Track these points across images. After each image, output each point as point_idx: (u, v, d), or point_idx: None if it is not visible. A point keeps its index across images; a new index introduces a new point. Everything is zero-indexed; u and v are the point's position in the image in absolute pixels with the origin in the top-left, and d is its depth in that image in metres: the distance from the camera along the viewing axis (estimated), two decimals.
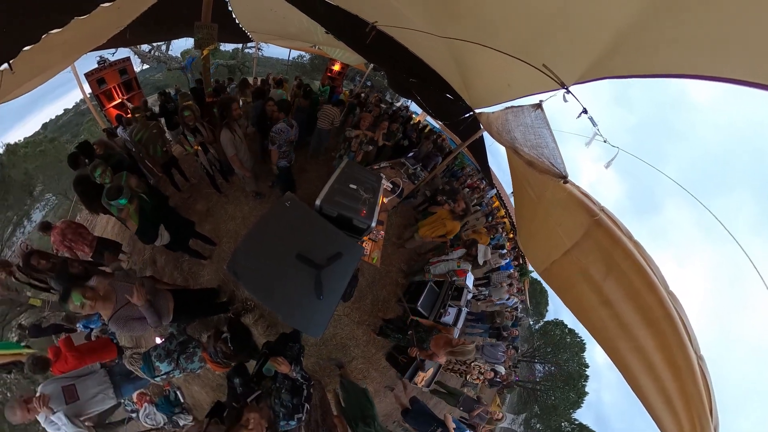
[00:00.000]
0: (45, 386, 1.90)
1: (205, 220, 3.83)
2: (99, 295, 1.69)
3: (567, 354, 14.99)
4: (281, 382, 1.75)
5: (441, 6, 1.49)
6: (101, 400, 2.00)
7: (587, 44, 1.11)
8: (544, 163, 1.31)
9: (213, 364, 2.03)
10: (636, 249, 1.11)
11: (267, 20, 3.62)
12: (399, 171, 5.03)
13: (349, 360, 3.64)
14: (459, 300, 3.95)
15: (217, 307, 3.02)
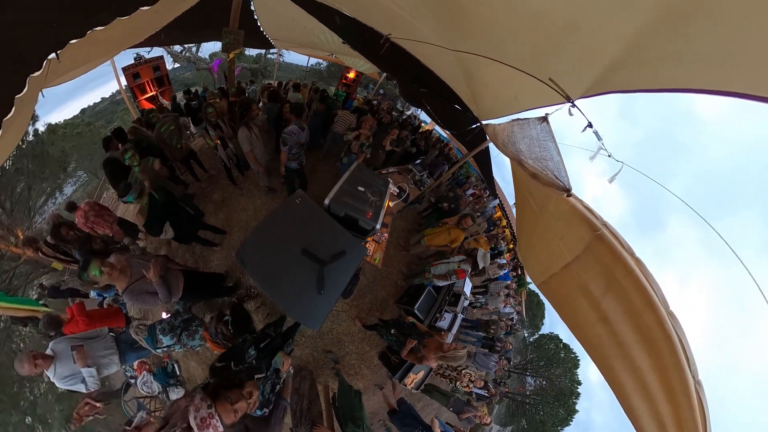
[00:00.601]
0: (56, 344, 1.96)
1: (220, 209, 3.90)
2: (116, 269, 1.77)
3: (560, 369, 14.37)
4: (272, 375, 1.75)
5: (452, 21, 1.50)
6: (107, 363, 2.08)
7: (593, 59, 1.09)
8: (548, 175, 1.28)
9: (212, 343, 2.06)
10: (637, 266, 1.06)
11: (289, 29, 3.77)
12: (406, 177, 5.03)
13: (342, 355, 3.62)
14: (455, 306, 3.88)
15: (222, 290, 3.07)
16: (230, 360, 1.57)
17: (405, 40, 2.18)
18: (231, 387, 1.28)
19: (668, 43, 0.88)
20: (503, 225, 6.91)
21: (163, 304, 2.00)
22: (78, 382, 1.95)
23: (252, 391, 1.33)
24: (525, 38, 1.27)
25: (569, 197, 1.24)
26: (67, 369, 1.91)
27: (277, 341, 2.09)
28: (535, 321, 17.52)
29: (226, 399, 1.23)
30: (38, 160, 7.34)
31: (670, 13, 0.81)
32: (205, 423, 1.14)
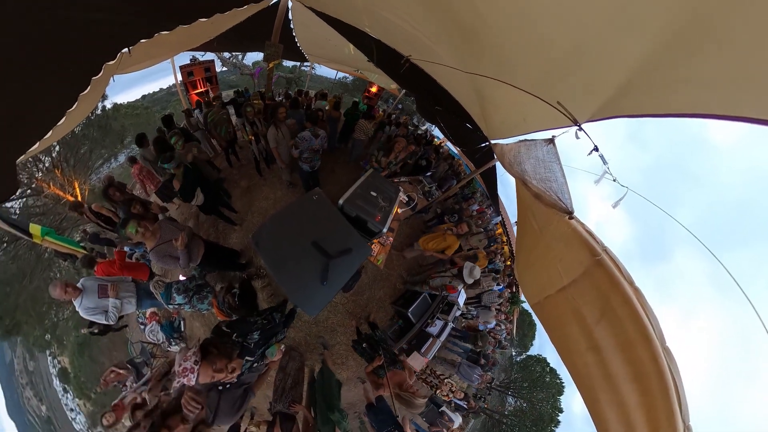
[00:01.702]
0: (86, 280, 2.13)
1: (245, 194, 4.05)
2: (149, 230, 1.93)
3: (543, 394, 13.03)
4: (256, 360, 1.73)
5: (466, 45, 1.50)
6: (126, 303, 2.25)
7: (600, 83, 1.04)
8: (552, 196, 1.21)
9: (218, 310, 2.11)
10: (636, 296, 0.96)
11: (321, 46, 3.97)
12: (416, 187, 5.00)
13: (333, 344, 3.58)
14: (447, 315, 3.75)
15: (236, 265, 3.16)
16: (235, 331, 1.58)
17: (423, 61, 2.22)
18: (221, 355, 1.29)
19: (675, 68, 0.82)
20: (503, 241, 6.66)
21: (182, 269, 2.10)
22: (99, 313, 2.11)
23: (236, 368, 1.33)
24: (534, 62, 1.24)
25: (571, 220, 1.17)
26: (92, 302, 2.08)
27: (279, 326, 2.07)
28: (524, 341, 16.33)
29: (212, 363, 1.24)
30: (102, 130, 8.43)
31: (677, 37, 0.76)
32: (185, 372, 1.16)
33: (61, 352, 12.14)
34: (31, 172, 6.68)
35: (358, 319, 3.74)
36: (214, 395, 1.47)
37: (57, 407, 13.23)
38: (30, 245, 6.06)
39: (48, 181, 6.93)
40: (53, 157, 7.24)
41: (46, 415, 13.63)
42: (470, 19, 1.28)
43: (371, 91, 5.70)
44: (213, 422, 1.42)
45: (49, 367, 13.07)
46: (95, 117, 8.29)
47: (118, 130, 8.95)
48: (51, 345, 11.26)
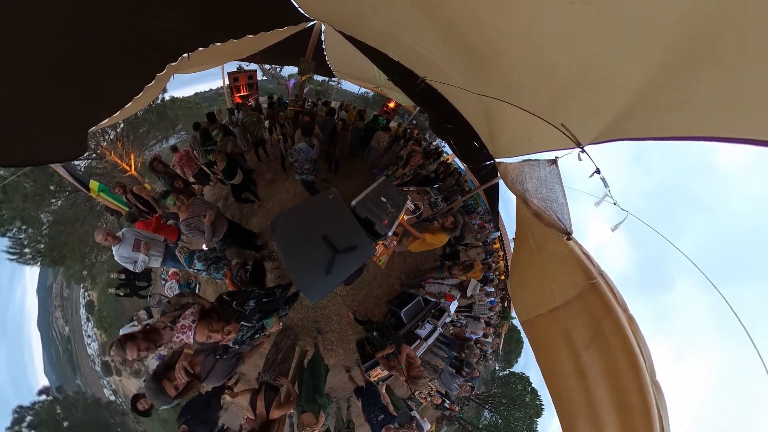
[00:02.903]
0: (127, 231, 2.33)
1: (269, 186, 4.21)
2: (184, 204, 2.10)
3: (521, 413, 11.79)
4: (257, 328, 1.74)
5: (477, 68, 1.50)
6: (154, 258, 2.44)
7: (603, 107, 0.99)
8: (551, 216, 1.14)
9: (230, 281, 2.23)
10: (629, 324, 0.87)
11: (347, 65, 4.21)
12: (423, 197, 4.96)
13: (327, 330, 3.56)
14: (438, 320, 3.62)
15: (252, 246, 3.27)
16: (235, 300, 1.61)
17: (437, 82, 2.25)
18: (219, 318, 1.31)
19: (678, 91, 0.76)
20: (500, 256, 6.41)
21: (206, 242, 2.23)
22: (130, 263, 2.31)
23: (231, 331, 1.35)
24: (540, 86, 1.21)
25: (569, 240, 1.09)
26: (126, 252, 2.27)
27: (278, 303, 2.08)
28: (509, 357, 15.04)
29: (209, 324, 1.26)
30: (159, 116, 9.67)
31: (678, 60, 0.70)
32: (183, 329, 1.21)
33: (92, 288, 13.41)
34: (98, 140, 7.64)
35: (357, 312, 3.68)
36: (210, 360, 1.50)
37: (77, 331, 14.59)
38: (86, 198, 6.83)
39: (110, 150, 7.93)
40: (117, 132, 8.18)
41: (68, 335, 15.10)
42: (481, 45, 1.28)
43: (389, 107, 5.80)
44: (203, 381, 1.45)
45: (79, 298, 14.48)
46: (155, 105, 9.31)
47: (172, 118, 10.08)
48: (86, 280, 12.52)
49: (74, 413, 10.23)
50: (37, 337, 16.91)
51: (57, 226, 8.67)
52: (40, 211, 8.21)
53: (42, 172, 7.33)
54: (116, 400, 12.26)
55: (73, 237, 8.94)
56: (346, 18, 2.22)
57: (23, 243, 8.49)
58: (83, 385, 13.29)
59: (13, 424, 9.01)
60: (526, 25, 0.98)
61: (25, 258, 8.72)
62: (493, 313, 5.38)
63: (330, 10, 2.28)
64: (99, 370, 13.49)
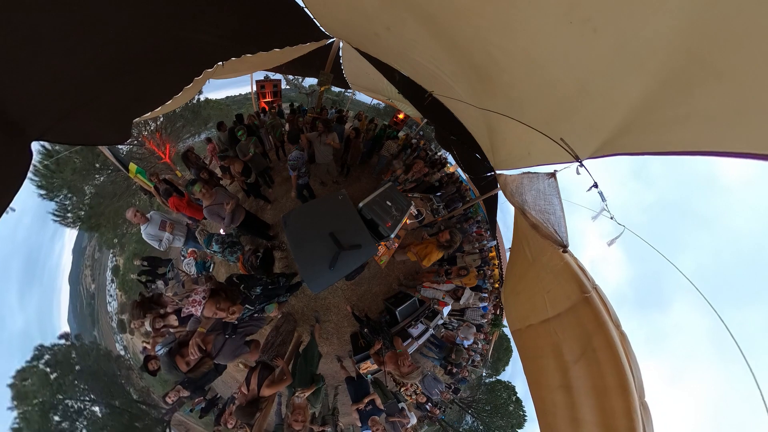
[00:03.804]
0: (155, 213, 2.45)
1: (285, 182, 4.30)
2: (209, 192, 2.22)
3: (503, 422, 11.05)
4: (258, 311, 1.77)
5: (480, 84, 1.50)
6: (177, 238, 2.61)
7: (602, 121, 0.95)
8: (548, 228, 1.09)
9: (241, 265, 2.33)
10: (621, 341, 0.80)
11: (362, 78, 4.32)
12: (425, 203, 4.92)
13: (324, 320, 3.56)
14: (430, 321, 3.54)
15: (265, 235, 3.36)
16: (243, 283, 1.66)
17: (443, 97, 2.27)
18: (227, 298, 1.36)
19: (675, 105, 0.72)
20: (495, 265, 6.23)
21: (225, 227, 2.34)
22: (156, 240, 2.43)
23: (236, 311, 1.40)
24: (541, 101, 1.18)
25: (565, 253, 1.03)
26: (154, 230, 2.41)
27: (281, 290, 2.09)
28: (497, 365, 14.12)
29: (216, 302, 1.31)
30: (194, 114, 10.65)
31: (675, 75, 0.67)
32: (193, 303, 1.32)
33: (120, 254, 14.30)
34: (140, 130, 8.28)
35: (354, 305, 3.65)
36: (221, 339, 1.52)
37: (102, 289, 15.78)
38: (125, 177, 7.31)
39: (150, 139, 8.60)
40: (157, 124, 8.75)
41: (93, 292, 16.44)
42: (485, 62, 1.27)
43: (398, 117, 5.86)
44: (214, 359, 1.47)
45: (107, 261, 15.59)
46: (191, 104, 10.13)
47: (205, 116, 10.95)
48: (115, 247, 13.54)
49: (87, 360, 10.85)
50: (66, 289, 18.44)
51: (97, 198, 9.66)
52: (84, 183, 9.22)
53: (90, 151, 8.22)
54: (125, 356, 12.89)
55: (110, 209, 9.78)
56: (362, 36, 2.28)
57: (67, 208, 9.48)
58: (98, 337, 14.08)
59: (32, 359, 9.74)
60: (527, 44, 0.97)
61: (66, 221, 9.66)
62: (485, 320, 5.19)
63: (347, 29, 2.36)
64: (114, 327, 14.35)
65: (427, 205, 4.95)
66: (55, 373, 9.73)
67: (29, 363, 9.63)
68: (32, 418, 8.73)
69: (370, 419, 2.19)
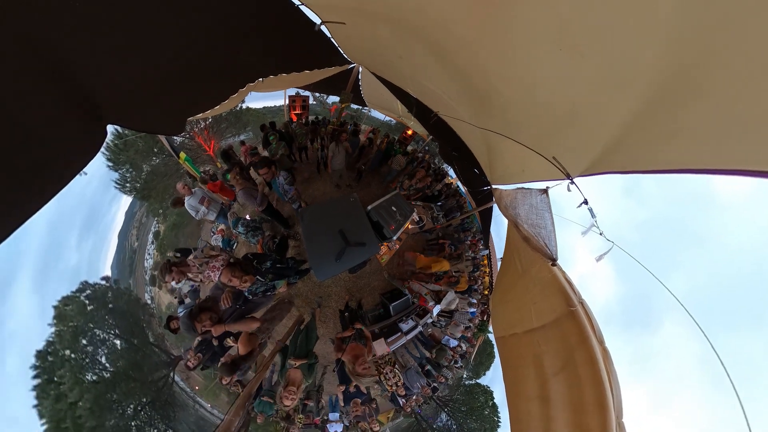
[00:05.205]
0: (198, 189, 2.72)
1: (304, 182, 4.44)
2: (241, 178, 2.44)
3: (476, 424, 10.26)
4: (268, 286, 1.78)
5: (479, 106, 1.50)
6: (212, 213, 2.78)
7: (592, 140, 0.90)
8: (539, 242, 1.04)
9: (260, 246, 2.48)
10: (603, 358, 0.72)
11: (377, 98, 4.58)
12: (427, 211, 4.89)
13: (325, 306, 3.58)
14: (420, 319, 3.42)
15: (284, 222, 3.50)
16: (255, 259, 1.72)
17: (447, 117, 2.32)
18: (241, 269, 1.42)
19: (663, 123, 0.67)
20: (486, 272, 6.00)
21: (258, 206, 2.52)
22: (194, 210, 2.66)
23: (248, 281, 1.45)
24: (534, 122, 1.15)
25: (554, 266, 0.97)
26: (194, 202, 2.65)
27: (290, 271, 2.13)
28: (478, 368, 13.30)
29: (232, 270, 1.38)
30: (236, 118, 11.87)
31: (661, 94, 0.62)
32: (212, 269, 1.43)
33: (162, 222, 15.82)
34: (192, 126, 9.26)
35: (352, 295, 3.62)
36: (230, 311, 1.57)
37: (142, 248, 17.49)
38: (175, 162, 8.04)
39: (199, 134, 9.71)
40: (206, 123, 9.65)
41: (135, 248, 18.16)
42: (484, 86, 1.28)
43: (407, 133, 5.95)
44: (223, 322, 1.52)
45: (152, 226, 17.24)
46: (235, 110, 11.16)
47: (245, 121, 12.07)
48: (159, 215, 14.99)
49: (119, 302, 11.82)
50: (114, 242, 20.51)
51: (151, 175, 10.99)
52: (143, 162, 10.62)
53: (151, 138, 9.30)
54: (151, 305, 13.97)
55: (160, 185, 11.09)
56: (378, 62, 2.42)
57: (126, 179, 10.91)
58: (132, 286, 15.31)
59: (77, 290, 10.75)
60: (521, 70, 0.96)
61: (124, 189, 11.15)
62: (472, 324, 4.95)
63: (366, 57, 2.50)
64: (147, 280, 15.70)
65: (428, 213, 4.90)
66: (92, 306, 10.56)
67: (73, 293, 10.54)
68: (65, 336, 9.39)
69: (352, 401, 2.11)
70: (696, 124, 0.60)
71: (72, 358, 9.08)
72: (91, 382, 8.80)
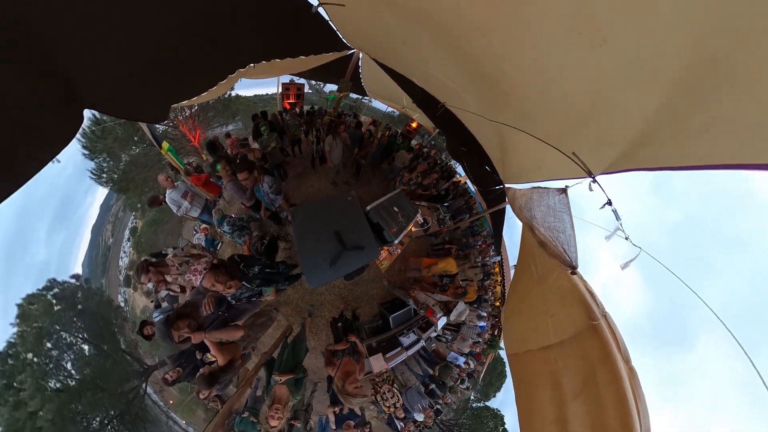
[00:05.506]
0: (181, 183, 2.76)
1: (297, 178, 4.44)
2: (230, 172, 2.47)
3: None
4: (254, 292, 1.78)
5: (492, 97, 1.49)
6: (195, 209, 2.82)
7: (616, 135, 0.89)
8: (557, 247, 1.03)
9: (247, 248, 2.42)
10: (629, 378, 0.71)
11: (378, 86, 4.54)
12: (432, 213, 4.87)
13: (317, 316, 3.54)
14: (423, 332, 3.37)
15: (276, 221, 3.48)
16: (243, 262, 1.70)
17: (456, 108, 2.28)
18: (226, 273, 1.41)
19: (694, 116, 0.65)
20: (497, 280, 5.94)
21: (247, 200, 2.57)
22: (176, 205, 2.68)
23: (233, 286, 1.44)
24: (552, 114, 1.14)
25: (573, 275, 0.96)
26: (176, 196, 2.67)
27: (280, 277, 2.11)
28: (488, 390, 12.83)
29: (216, 274, 1.36)
30: (224, 106, 11.85)
31: (691, 84, 0.61)
32: (195, 272, 1.35)
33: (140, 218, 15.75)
34: (177, 114, 9.32)
35: (347, 304, 3.60)
36: (212, 317, 1.56)
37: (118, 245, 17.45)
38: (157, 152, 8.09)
39: (183, 123, 9.66)
40: (192, 111, 9.59)
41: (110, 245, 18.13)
42: (496, 75, 1.26)
43: (411, 126, 5.97)
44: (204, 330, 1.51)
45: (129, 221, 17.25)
46: (223, 98, 11.08)
47: (234, 110, 12.00)
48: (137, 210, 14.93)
49: (89, 303, 11.74)
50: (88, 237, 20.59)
51: (130, 166, 10.89)
52: (122, 151, 10.53)
53: (131, 125, 9.28)
54: (124, 308, 13.88)
55: (139, 177, 10.97)
56: (380, 48, 2.39)
57: (103, 169, 10.79)
58: (105, 286, 15.33)
59: (43, 288, 10.77)
60: (536, 57, 0.95)
61: (101, 180, 11.00)
62: (481, 339, 4.90)
63: (367, 42, 2.49)
64: (121, 280, 15.64)
65: (433, 215, 4.88)
66: (59, 306, 10.46)
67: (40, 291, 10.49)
68: (28, 338, 9.28)
69: (344, 423, 2.08)
70: (731, 114, 0.59)
71: (35, 363, 8.94)
72: (54, 390, 8.64)
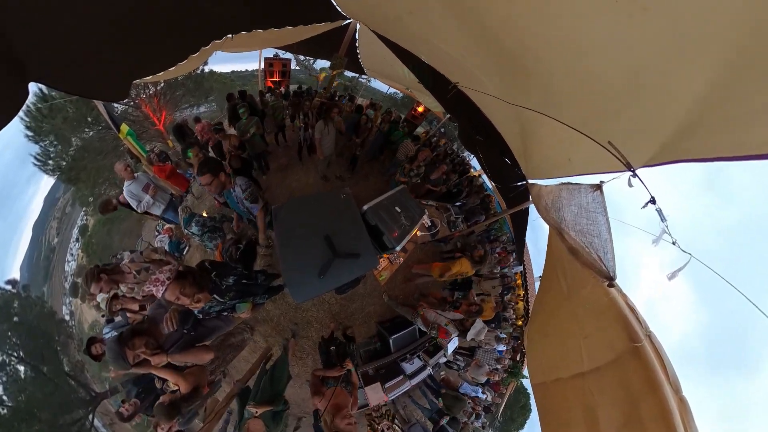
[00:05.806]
0: (142, 174, 2.72)
1: (281, 170, 4.41)
2: (200, 159, 2.55)
3: None
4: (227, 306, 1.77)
5: (514, 78, 1.48)
6: (157, 205, 2.80)
7: (659, 121, 0.88)
8: (591, 254, 1.03)
9: (219, 254, 2.32)
10: (680, 411, 0.71)
11: (379, 63, 4.45)
12: (442, 214, 4.86)
13: (302, 336, 3.48)
14: (431, 357, 3.34)
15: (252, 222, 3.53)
16: (215, 271, 1.66)
17: (470, 90, 2.26)
18: (194, 283, 1.38)
19: (751, 98, 0.64)
20: (519, 295, 5.90)
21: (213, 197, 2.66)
22: (135, 200, 2.65)
23: (201, 300, 1.42)
24: (584, 98, 1.13)
25: (611, 288, 0.95)
26: (136, 189, 2.67)
27: (258, 289, 2.08)
28: (509, 426, 12.53)
29: (182, 285, 1.32)
30: (196, 84, 11.58)
31: (748, 60, 0.60)
32: (156, 282, 1.29)
33: (92, 215, 15.28)
34: (139, 92, 9.16)
35: (338, 323, 3.57)
36: (176, 336, 1.54)
37: (64, 246, 16.87)
38: (114, 137, 8.00)
39: (147, 102, 9.46)
40: (157, 89, 9.49)
41: (54, 246, 17.52)
42: (518, 50, 1.26)
43: (417, 111, 5.98)
44: (165, 351, 1.48)
45: (78, 219, 16.68)
46: (195, 74, 10.94)
47: (207, 89, 11.83)
48: (89, 206, 14.46)
49: (28, 314, 11.35)
50: (28, 235, 19.65)
51: (82, 152, 10.35)
52: (72, 134, 10.09)
53: (85, 104, 9.07)
54: (69, 321, 13.30)
55: (93, 166, 10.65)
56: (381, 19, 2.35)
57: (50, 155, 10.34)
58: (47, 295, 14.78)
59: None
60: (565, 29, 0.94)
61: (46, 167, 10.56)
62: (500, 365, 4.86)
63: (366, 11, 2.46)
64: (67, 288, 15.06)
65: (443, 216, 4.88)
66: None
67: None
68: None
69: None
70: None
71: None
72: None
